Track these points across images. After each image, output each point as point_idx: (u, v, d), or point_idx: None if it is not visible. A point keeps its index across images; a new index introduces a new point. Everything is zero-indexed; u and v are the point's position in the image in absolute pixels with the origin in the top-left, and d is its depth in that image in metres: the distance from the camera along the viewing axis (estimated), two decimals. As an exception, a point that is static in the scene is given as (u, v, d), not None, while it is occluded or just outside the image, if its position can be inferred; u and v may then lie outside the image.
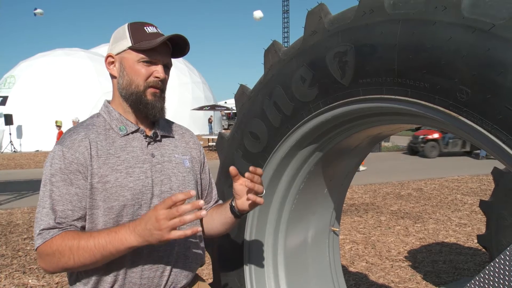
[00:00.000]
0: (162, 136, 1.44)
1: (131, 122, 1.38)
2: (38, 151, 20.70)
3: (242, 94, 1.81)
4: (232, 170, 1.32)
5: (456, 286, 3.96)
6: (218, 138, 1.98)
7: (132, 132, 1.37)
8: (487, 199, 3.44)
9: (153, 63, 1.34)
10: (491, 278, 1.06)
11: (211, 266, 2.03)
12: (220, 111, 30.10)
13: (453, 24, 1.07)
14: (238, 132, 1.80)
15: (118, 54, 1.35)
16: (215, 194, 1.62)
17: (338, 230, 2.09)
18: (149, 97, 1.35)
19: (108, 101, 1.43)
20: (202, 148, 1.60)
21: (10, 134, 20.31)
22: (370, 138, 1.85)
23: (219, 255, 1.96)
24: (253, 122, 1.72)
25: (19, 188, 10.09)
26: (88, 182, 1.26)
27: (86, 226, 1.28)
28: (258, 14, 29.79)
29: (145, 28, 1.34)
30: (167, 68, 1.39)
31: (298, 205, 1.85)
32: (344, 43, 1.34)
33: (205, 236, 1.54)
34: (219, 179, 1.90)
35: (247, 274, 1.85)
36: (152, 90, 1.35)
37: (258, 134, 1.71)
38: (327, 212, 2.01)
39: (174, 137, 1.49)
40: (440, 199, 8.19)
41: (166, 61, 1.37)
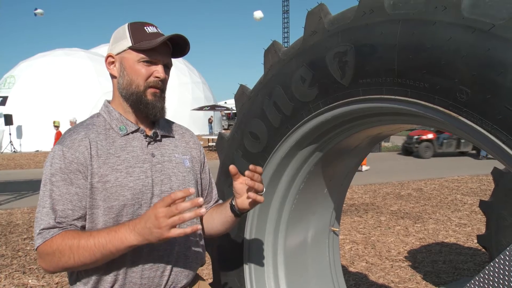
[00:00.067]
0: (162, 136, 1.44)
1: (131, 122, 1.38)
2: (38, 151, 20.70)
3: (242, 94, 1.81)
4: (232, 168, 1.32)
5: (456, 286, 3.96)
6: (218, 138, 1.98)
7: (132, 132, 1.37)
8: (487, 199, 3.44)
9: (153, 63, 1.34)
10: (491, 278, 1.06)
11: (211, 266, 2.03)
12: (220, 111, 30.10)
13: (453, 24, 1.07)
14: (238, 132, 1.81)
15: (118, 54, 1.35)
16: (215, 194, 1.62)
17: (338, 230, 2.09)
18: (149, 97, 1.35)
19: (108, 101, 1.43)
20: (202, 148, 1.60)
21: (10, 134, 20.32)
22: (370, 138, 1.85)
23: (219, 255, 1.96)
24: (253, 122, 1.72)
25: (19, 188, 10.09)
26: (88, 181, 1.26)
27: (86, 226, 1.27)
28: (258, 14, 29.79)
29: (145, 28, 1.34)
30: (167, 68, 1.39)
31: (298, 205, 1.85)
32: (344, 43, 1.34)
33: (205, 236, 1.54)
34: (219, 179, 1.90)
35: (247, 274, 1.85)
36: (152, 90, 1.35)
37: (258, 134, 1.71)
38: (327, 212, 2.01)
39: (174, 137, 1.49)
40: (440, 199, 8.20)
41: (166, 61, 1.37)
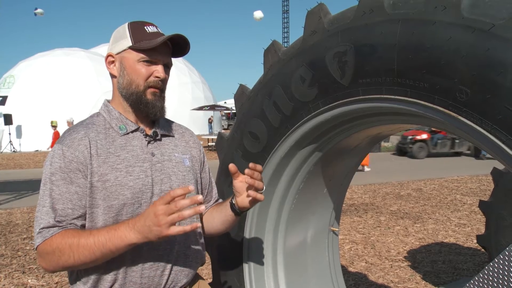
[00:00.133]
0: (162, 135, 1.44)
1: (131, 121, 1.38)
2: (37, 151, 20.69)
3: (241, 94, 1.81)
4: (232, 167, 1.32)
5: (456, 286, 3.96)
6: (217, 138, 1.98)
7: (132, 131, 1.37)
8: (486, 199, 3.44)
9: (153, 62, 1.34)
10: (490, 278, 1.06)
11: (210, 266, 2.03)
12: (220, 111, 30.10)
13: (452, 24, 1.07)
14: (237, 132, 1.80)
15: (118, 54, 1.35)
16: (215, 193, 1.62)
17: (337, 230, 2.09)
18: (149, 96, 1.35)
19: (108, 100, 1.43)
20: (202, 147, 1.60)
21: (10, 134, 20.31)
22: (370, 138, 1.85)
23: (218, 255, 1.96)
24: (252, 122, 1.72)
25: (18, 188, 10.09)
26: (88, 180, 1.26)
27: (86, 225, 1.27)
28: (258, 14, 29.78)
29: (145, 27, 1.34)
30: (167, 68, 1.39)
31: (297, 205, 1.85)
32: (343, 43, 1.34)
33: (205, 235, 1.54)
34: (219, 178, 1.90)
35: (247, 274, 1.85)
36: (152, 90, 1.35)
37: (258, 134, 1.71)
38: (326, 212, 2.01)
39: (174, 136, 1.49)
40: (439, 199, 8.20)
41: (167, 60, 1.37)
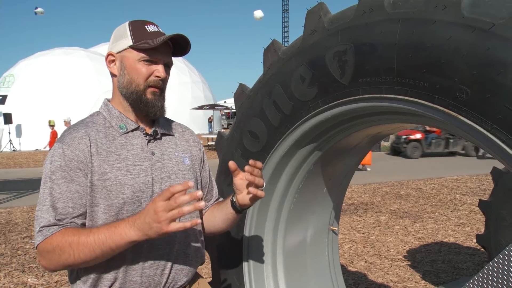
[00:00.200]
0: (162, 134, 1.44)
1: (131, 120, 1.38)
2: (37, 150, 20.69)
3: (241, 93, 1.81)
4: (232, 164, 1.32)
5: (455, 286, 3.96)
6: (217, 137, 1.98)
7: (132, 130, 1.37)
8: (486, 199, 3.45)
9: (154, 62, 1.34)
10: (490, 278, 1.07)
11: (210, 265, 2.03)
12: (220, 111, 30.10)
13: (453, 23, 1.07)
14: (237, 131, 1.80)
15: (119, 53, 1.35)
16: (216, 192, 1.62)
17: (337, 229, 2.09)
18: (149, 96, 1.34)
19: (108, 99, 1.43)
20: (202, 146, 1.60)
21: (10, 133, 20.31)
22: (370, 137, 1.85)
23: (218, 254, 1.96)
24: (252, 121, 1.72)
25: (18, 187, 10.09)
26: (88, 179, 1.26)
27: (86, 224, 1.27)
28: (259, 14, 29.74)
29: (146, 26, 1.34)
30: (168, 67, 1.39)
31: (297, 204, 1.85)
32: (343, 42, 1.34)
33: (206, 234, 1.54)
34: (219, 177, 1.90)
35: (246, 273, 1.86)
36: (152, 89, 1.35)
37: (257, 133, 1.71)
38: (326, 212, 2.01)
39: (174, 135, 1.49)
40: (439, 198, 8.20)
41: (167, 60, 1.37)
